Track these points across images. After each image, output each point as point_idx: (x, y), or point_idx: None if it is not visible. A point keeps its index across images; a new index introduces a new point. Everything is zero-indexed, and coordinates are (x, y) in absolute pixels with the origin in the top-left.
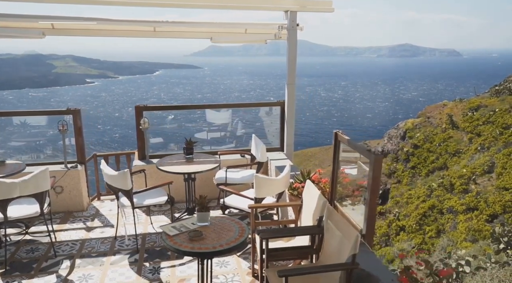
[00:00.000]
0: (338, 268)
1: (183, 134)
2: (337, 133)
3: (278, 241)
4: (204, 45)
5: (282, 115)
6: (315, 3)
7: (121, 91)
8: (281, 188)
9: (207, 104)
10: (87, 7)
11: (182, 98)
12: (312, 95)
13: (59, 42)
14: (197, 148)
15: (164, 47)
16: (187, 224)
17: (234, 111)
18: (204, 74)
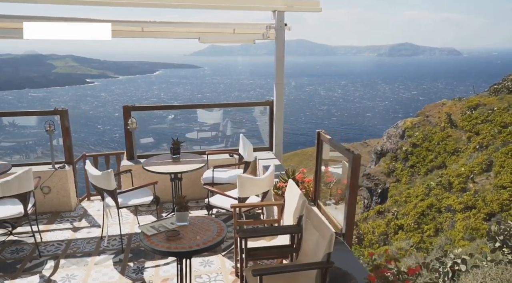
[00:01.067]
0: (312, 267)
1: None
2: (320, 133)
3: (260, 241)
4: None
5: (271, 114)
6: (302, 3)
7: (121, 91)
8: (265, 188)
9: (196, 104)
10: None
11: (182, 98)
12: (312, 94)
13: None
14: (187, 148)
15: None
16: (166, 224)
17: (226, 111)
18: (204, 74)
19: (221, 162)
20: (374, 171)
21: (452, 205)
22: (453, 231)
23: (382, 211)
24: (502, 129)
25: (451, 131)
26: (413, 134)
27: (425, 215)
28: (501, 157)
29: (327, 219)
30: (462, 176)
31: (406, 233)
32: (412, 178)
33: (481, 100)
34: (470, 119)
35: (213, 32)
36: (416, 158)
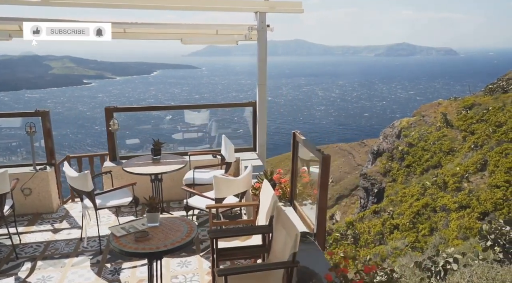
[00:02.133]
0: (277, 267)
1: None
2: (295, 133)
3: (235, 241)
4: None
5: (254, 115)
6: (284, 4)
7: (118, 91)
8: (242, 188)
9: (179, 105)
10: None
11: (179, 99)
12: (309, 95)
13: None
14: (173, 149)
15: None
16: (137, 225)
17: (213, 112)
18: (201, 74)
19: (205, 163)
20: (371, 171)
21: (447, 205)
22: (448, 230)
23: (378, 211)
24: (497, 129)
25: (447, 131)
26: (409, 134)
27: (420, 214)
28: (495, 157)
29: (301, 219)
30: (457, 175)
31: (402, 233)
32: (408, 178)
33: (477, 100)
34: (465, 118)
35: (195, 34)
36: (412, 158)
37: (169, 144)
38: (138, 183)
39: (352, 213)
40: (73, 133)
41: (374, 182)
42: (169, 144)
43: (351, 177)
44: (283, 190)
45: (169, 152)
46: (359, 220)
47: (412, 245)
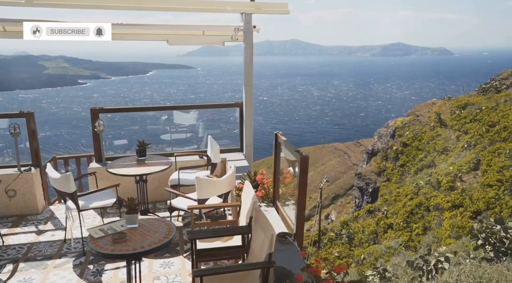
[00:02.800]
0: (253, 267)
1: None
2: (277, 134)
3: (217, 241)
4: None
5: (241, 116)
6: (270, 5)
7: (114, 92)
8: (225, 189)
9: (166, 106)
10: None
11: (175, 99)
12: (305, 94)
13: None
14: (161, 150)
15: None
16: (116, 226)
17: (203, 112)
18: (197, 74)
19: (192, 164)
20: (365, 171)
21: (440, 204)
22: (440, 229)
23: (373, 210)
24: (490, 128)
25: (441, 130)
26: (404, 133)
27: (414, 214)
28: (488, 156)
29: (283, 219)
30: (451, 175)
31: (395, 232)
32: (402, 177)
33: (470, 100)
34: (459, 118)
35: (182, 35)
36: (406, 157)
37: (158, 145)
38: (123, 184)
39: (347, 213)
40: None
41: (369, 181)
42: (158, 145)
43: (347, 177)
44: (266, 191)
45: (155, 153)
46: (354, 219)
47: (405, 244)
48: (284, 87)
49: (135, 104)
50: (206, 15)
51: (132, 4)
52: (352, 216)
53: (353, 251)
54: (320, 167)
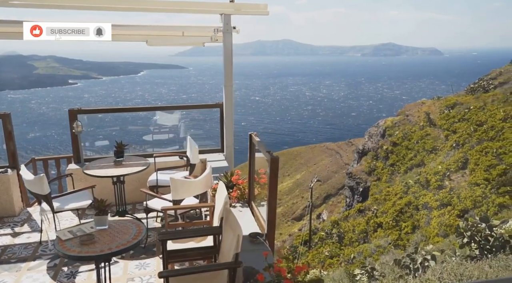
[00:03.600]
0: (218, 268)
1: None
2: (251, 135)
3: (190, 242)
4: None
5: (221, 117)
6: (249, 7)
7: (105, 92)
8: (201, 190)
9: (146, 106)
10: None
11: (166, 99)
12: (297, 94)
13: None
14: (142, 150)
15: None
16: (86, 228)
17: (186, 113)
18: (189, 74)
19: (171, 165)
20: (356, 170)
21: (429, 203)
22: (429, 228)
23: (363, 210)
24: (478, 128)
25: (430, 130)
26: (394, 133)
27: (403, 212)
28: (475, 155)
29: (256, 220)
30: (439, 174)
31: (385, 231)
32: (392, 177)
33: (459, 99)
34: (447, 118)
35: (161, 35)
36: (396, 157)
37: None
38: (101, 186)
39: (339, 212)
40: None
41: (360, 181)
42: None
43: (339, 176)
44: (241, 191)
45: (136, 153)
46: (344, 219)
47: (395, 243)
48: (276, 87)
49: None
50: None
51: (111, 5)
52: (343, 216)
53: (343, 250)
54: (312, 167)
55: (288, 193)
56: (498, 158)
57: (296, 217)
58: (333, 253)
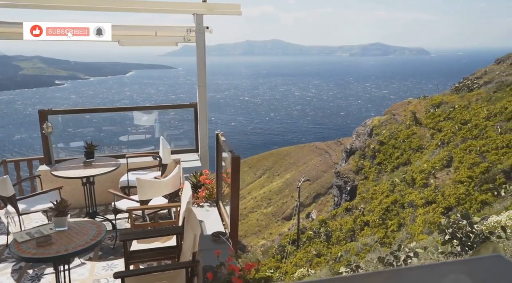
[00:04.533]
0: (174, 267)
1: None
2: (218, 135)
3: (156, 242)
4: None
5: (196, 117)
6: (222, 7)
7: (92, 92)
8: (169, 190)
9: (121, 107)
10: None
11: (155, 99)
12: (286, 94)
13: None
14: (119, 151)
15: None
16: (45, 229)
17: (163, 113)
18: (177, 74)
19: (145, 165)
20: (344, 169)
21: (414, 201)
22: (414, 225)
23: (350, 208)
24: (462, 126)
25: (416, 129)
26: (380, 132)
27: (389, 210)
28: (460, 153)
29: (223, 219)
30: (425, 172)
31: (372, 229)
32: (379, 175)
33: (444, 98)
34: (433, 116)
35: (134, 35)
36: (383, 156)
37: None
38: (71, 187)
39: (327, 211)
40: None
41: (347, 180)
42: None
43: (328, 176)
44: (210, 191)
45: (111, 154)
46: (332, 218)
47: (381, 241)
48: (265, 87)
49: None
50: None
51: (81, 4)
52: (331, 215)
53: (331, 249)
54: (302, 166)
55: (278, 192)
56: (482, 156)
57: (286, 216)
58: (320, 252)
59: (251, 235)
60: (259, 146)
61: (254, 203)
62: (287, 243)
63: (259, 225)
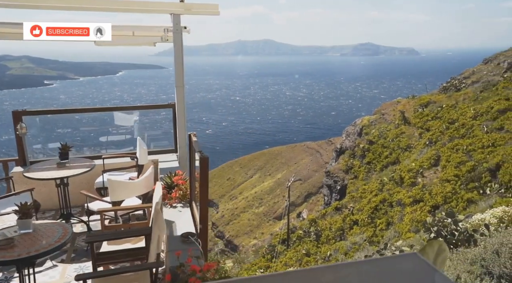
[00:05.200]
0: (136, 269)
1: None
2: (190, 135)
3: (126, 243)
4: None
5: (174, 117)
6: (200, 7)
7: (82, 92)
8: (141, 191)
9: (98, 107)
10: None
11: (146, 99)
12: (277, 94)
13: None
14: (96, 151)
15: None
16: (9, 232)
17: (144, 113)
18: (169, 74)
19: (122, 165)
20: (334, 169)
21: (402, 199)
22: (402, 224)
23: (340, 208)
24: (449, 125)
25: (405, 128)
26: (370, 131)
27: (378, 209)
28: (447, 152)
29: (194, 220)
30: (413, 171)
31: (361, 228)
32: (368, 174)
33: (432, 98)
34: (421, 116)
35: (111, 35)
36: (372, 155)
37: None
38: (46, 188)
39: (318, 210)
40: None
41: (337, 179)
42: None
43: (319, 175)
44: (183, 192)
45: (83, 155)
46: (322, 217)
47: (369, 239)
48: (257, 86)
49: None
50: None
51: (57, 4)
52: (320, 214)
53: (320, 248)
54: (293, 166)
55: (270, 192)
56: (468, 155)
57: (278, 216)
58: (310, 251)
59: (242, 235)
60: (251, 146)
61: (245, 203)
62: (277, 243)
63: (250, 225)
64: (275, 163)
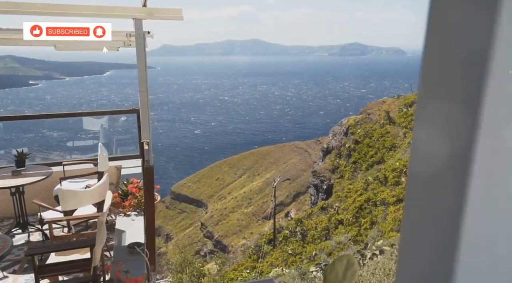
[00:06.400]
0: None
1: (59, 142)
2: (143, 143)
3: (75, 254)
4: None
5: (138, 122)
6: (163, 11)
7: (68, 93)
8: (95, 199)
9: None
10: None
11: (133, 100)
12: (266, 94)
13: None
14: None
15: None
16: None
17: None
18: (156, 74)
19: (84, 172)
20: (320, 168)
21: (386, 198)
22: (385, 223)
23: (326, 207)
24: None
25: (390, 128)
26: (356, 131)
27: (362, 209)
28: None
29: None
30: (397, 170)
31: (346, 227)
32: (354, 174)
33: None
34: (406, 115)
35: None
36: (358, 155)
37: (66, 151)
38: (3, 196)
39: (304, 210)
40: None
41: (324, 179)
42: (66, 151)
43: (307, 175)
44: (138, 200)
45: (41, 162)
46: (308, 216)
47: (354, 239)
48: (245, 86)
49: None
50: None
51: (13, 8)
52: (306, 214)
53: (306, 248)
54: (282, 165)
55: (259, 192)
56: None
57: (267, 216)
58: (296, 251)
59: (231, 235)
60: (239, 146)
61: (234, 203)
62: (263, 243)
63: (239, 225)
64: (264, 163)
